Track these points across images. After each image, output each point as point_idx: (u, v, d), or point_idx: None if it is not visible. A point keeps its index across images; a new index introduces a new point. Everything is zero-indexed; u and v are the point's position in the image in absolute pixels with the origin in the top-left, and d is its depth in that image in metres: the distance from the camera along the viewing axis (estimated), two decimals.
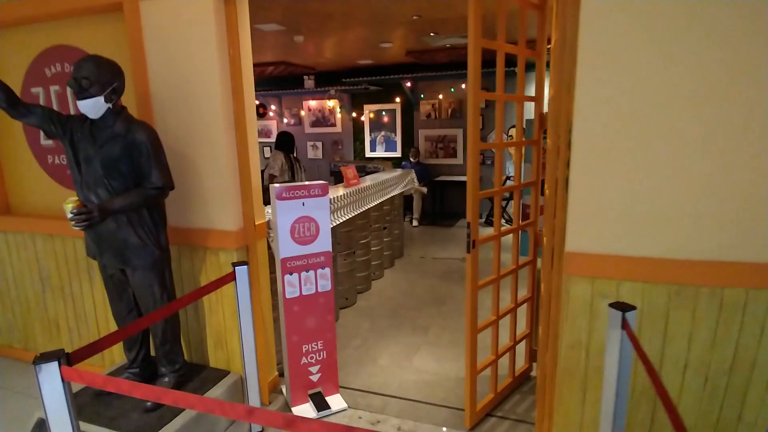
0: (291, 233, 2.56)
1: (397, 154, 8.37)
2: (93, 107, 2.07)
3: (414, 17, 4.11)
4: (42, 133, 2.99)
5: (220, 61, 2.36)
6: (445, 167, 8.11)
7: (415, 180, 6.08)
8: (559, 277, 2.07)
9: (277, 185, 2.53)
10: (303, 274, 2.63)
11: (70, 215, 1.91)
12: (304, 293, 2.65)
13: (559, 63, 1.98)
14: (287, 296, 2.61)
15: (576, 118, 1.85)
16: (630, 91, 1.76)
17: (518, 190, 2.69)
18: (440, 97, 7.87)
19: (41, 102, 2.95)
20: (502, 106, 2.51)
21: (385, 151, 8.47)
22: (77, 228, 1.94)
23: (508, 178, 7.57)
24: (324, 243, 2.67)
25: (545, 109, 2.64)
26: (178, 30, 2.39)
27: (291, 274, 2.60)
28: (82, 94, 2.03)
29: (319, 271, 2.68)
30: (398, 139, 8.36)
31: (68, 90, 2.85)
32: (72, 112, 2.88)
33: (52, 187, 3.05)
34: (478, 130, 2.30)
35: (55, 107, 2.92)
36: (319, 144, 8.89)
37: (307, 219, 2.60)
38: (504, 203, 7.50)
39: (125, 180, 2.14)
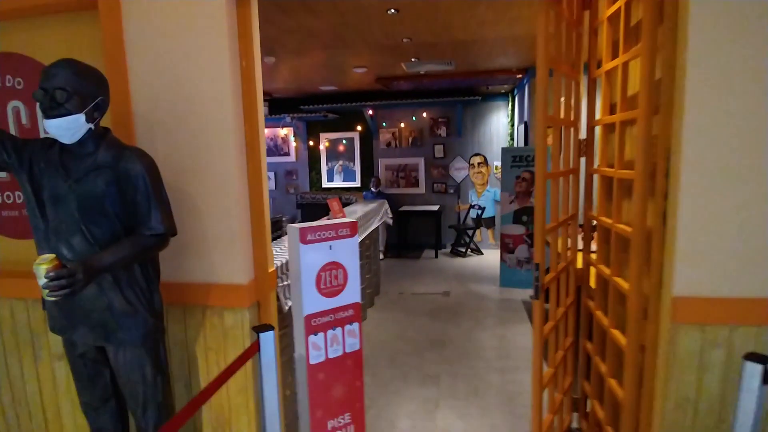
0: (317, 284, 2.09)
1: (357, 184, 8.01)
2: (69, 128, 1.52)
3: (404, 40, 3.86)
4: None
5: (232, 75, 1.90)
6: (407, 197, 7.86)
7: (389, 211, 5.74)
8: (656, 326, 1.79)
9: (298, 225, 2.06)
10: (329, 332, 2.16)
11: (43, 281, 1.33)
12: (330, 356, 2.16)
13: (647, 82, 1.75)
14: (311, 362, 2.11)
15: (685, 145, 1.61)
16: (748, 111, 1.56)
17: (565, 224, 2.43)
18: (402, 125, 7.67)
19: None
20: (559, 132, 2.26)
21: (344, 180, 8.08)
22: (53, 297, 1.36)
23: (472, 206, 7.47)
24: (353, 293, 2.21)
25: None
26: (175, 36, 1.90)
27: (316, 334, 2.11)
28: (54, 110, 1.49)
29: (347, 327, 2.21)
30: (357, 168, 8.01)
31: (8, 110, 2.22)
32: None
33: None
34: (545, 158, 2.02)
35: None
36: (272, 174, 8.31)
37: (335, 265, 2.14)
38: (470, 232, 7.36)
39: (111, 225, 1.60)
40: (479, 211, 7.31)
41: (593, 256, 2.50)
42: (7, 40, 2.17)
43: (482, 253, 7.37)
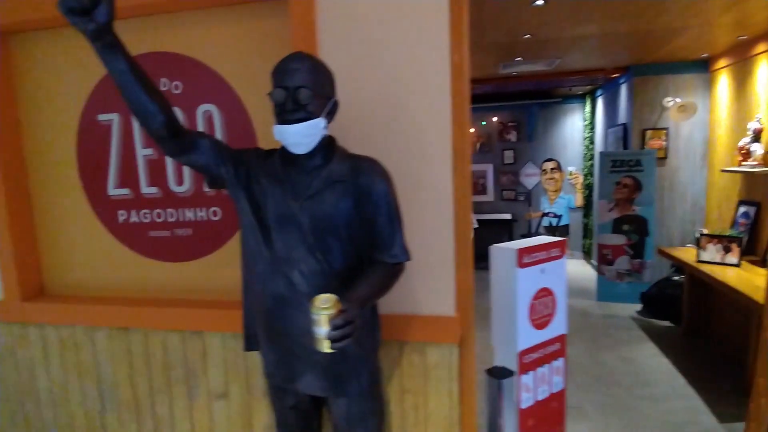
0: (530, 314, 1.79)
1: None
2: (310, 135, 1.25)
3: (525, 36, 3.56)
4: (111, 181, 2.08)
5: (445, 72, 1.62)
6: (474, 205, 7.52)
7: (474, 220, 5.41)
8: None
9: (509, 245, 1.76)
10: (539, 371, 1.84)
11: (324, 330, 1.05)
12: (539, 398, 1.85)
13: None
14: (523, 405, 1.80)
15: None
16: None
17: None
18: (471, 130, 7.36)
19: (116, 133, 2.04)
20: None
21: None
22: (334, 349, 1.07)
23: (545, 214, 7.09)
24: (560, 323, 1.90)
25: None
26: (379, 26, 1.63)
27: (527, 373, 1.80)
28: (295, 113, 1.22)
29: (554, 363, 1.90)
30: None
31: None
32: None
33: (124, 258, 2.10)
34: None
35: (139, 141, 2.02)
36: None
37: (546, 292, 1.83)
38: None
39: (345, 250, 1.33)
40: (555, 220, 6.93)
41: None
42: (162, 38, 1.93)
43: None
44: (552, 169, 7.22)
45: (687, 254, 3.96)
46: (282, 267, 1.29)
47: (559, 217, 6.98)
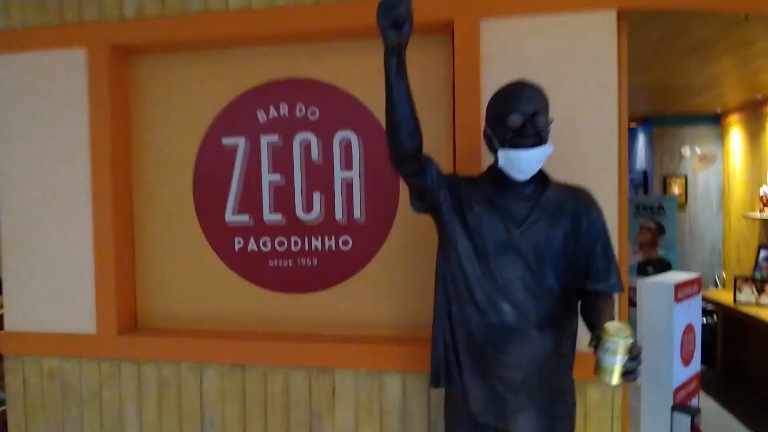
0: (681, 349, 1.78)
1: None
2: (540, 161, 1.25)
3: None
4: (230, 207, 1.98)
5: (612, 112, 1.68)
6: None
7: None
8: None
9: (660, 280, 1.78)
10: None
11: (619, 359, 1.00)
12: None
13: None
14: None
15: None
16: None
17: None
18: None
19: (240, 158, 1.96)
20: None
21: None
22: (627, 381, 1.02)
23: None
24: (697, 360, 1.90)
25: None
26: (545, 64, 1.68)
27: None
28: (532, 138, 1.21)
29: (692, 402, 1.88)
30: None
31: (295, 143, 1.92)
32: (297, 173, 1.93)
33: (238, 289, 1.98)
34: None
35: (266, 167, 1.95)
36: None
37: (690, 328, 1.84)
38: None
39: (560, 278, 1.29)
40: None
41: None
42: (303, 65, 1.91)
43: None
44: None
45: (723, 296, 4.08)
46: (506, 295, 1.24)
47: None
